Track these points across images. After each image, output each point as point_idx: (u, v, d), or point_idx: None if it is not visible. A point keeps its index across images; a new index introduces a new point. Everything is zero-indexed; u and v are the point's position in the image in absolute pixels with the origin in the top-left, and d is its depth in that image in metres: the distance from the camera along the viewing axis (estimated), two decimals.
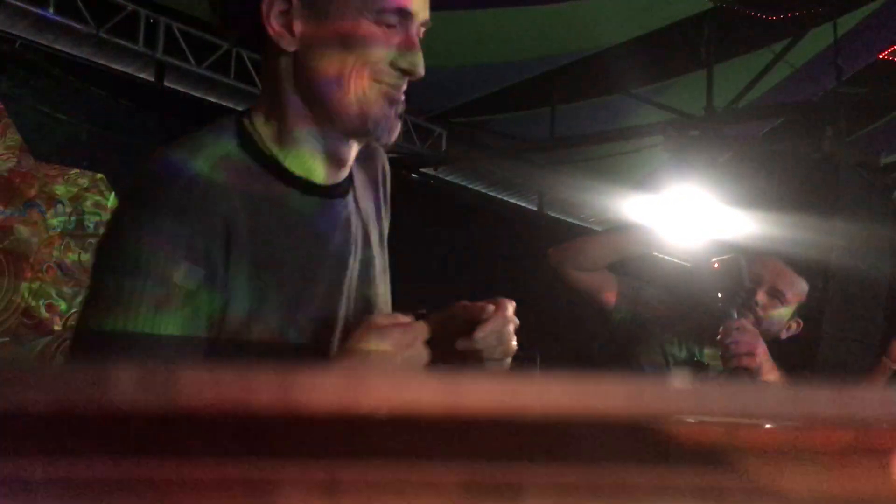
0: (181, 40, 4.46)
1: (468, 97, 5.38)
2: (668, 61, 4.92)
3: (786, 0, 4.39)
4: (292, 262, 1.03)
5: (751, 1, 4.36)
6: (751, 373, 1.95)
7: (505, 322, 1.09)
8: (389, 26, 1.01)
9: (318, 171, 1.07)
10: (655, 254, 2.22)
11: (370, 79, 1.01)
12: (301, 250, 1.04)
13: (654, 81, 5.14)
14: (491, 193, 6.79)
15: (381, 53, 1.01)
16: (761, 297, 2.15)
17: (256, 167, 1.03)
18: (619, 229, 2.38)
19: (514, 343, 1.10)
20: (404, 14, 1.02)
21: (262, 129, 1.06)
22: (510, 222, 6.49)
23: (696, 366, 2.10)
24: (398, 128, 1.06)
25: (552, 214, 7.01)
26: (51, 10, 3.98)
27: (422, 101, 5.03)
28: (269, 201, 1.02)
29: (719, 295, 1.97)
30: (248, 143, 1.04)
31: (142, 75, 4.66)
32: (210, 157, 0.99)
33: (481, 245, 5.91)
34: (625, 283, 2.20)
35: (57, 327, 4.37)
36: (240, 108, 4.47)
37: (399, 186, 1.36)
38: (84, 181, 4.51)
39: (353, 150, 1.09)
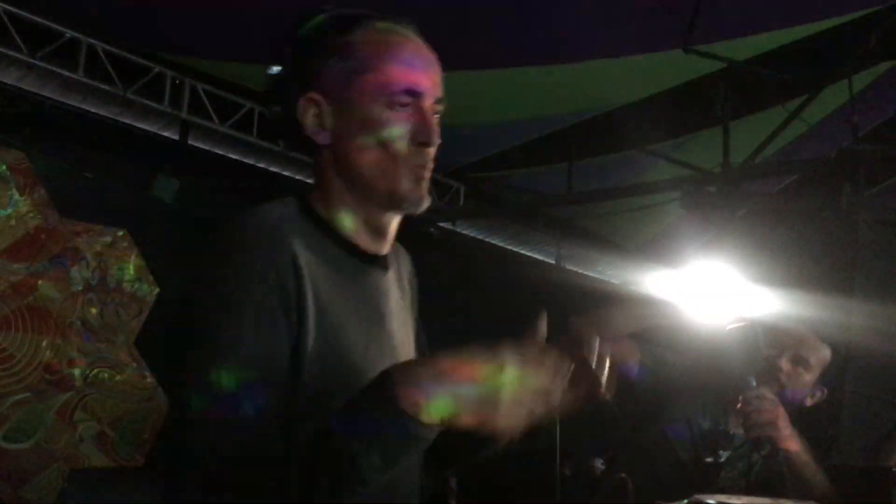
0: (205, 100, 4.56)
1: (486, 153, 5.43)
2: (685, 118, 4.96)
3: (800, 59, 4.43)
4: (341, 313, 1.13)
5: (765, 61, 4.40)
6: (773, 442, 1.93)
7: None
8: (403, 106, 1.14)
9: (360, 240, 1.20)
10: (678, 324, 2.22)
11: (394, 158, 1.14)
12: (347, 304, 1.14)
13: (670, 138, 5.18)
14: (509, 247, 6.80)
15: (399, 132, 1.13)
16: (784, 364, 2.14)
17: (311, 228, 1.16)
18: (643, 300, 2.39)
19: None
20: (413, 93, 1.14)
21: (316, 207, 1.19)
22: (528, 276, 6.49)
23: (721, 435, 2.09)
24: (427, 200, 1.18)
25: (570, 268, 7.00)
26: (79, 73, 4.07)
27: (440, 156, 5.07)
28: (322, 257, 1.13)
29: (737, 363, 1.96)
30: (305, 209, 1.18)
31: (166, 133, 4.75)
32: (274, 214, 1.13)
33: (499, 299, 5.90)
34: (648, 351, 2.20)
35: (78, 383, 4.39)
36: (261, 166, 4.49)
37: (417, 241, 1.45)
38: (108, 238, 4.57)
39: (392, 222, 1.22)
